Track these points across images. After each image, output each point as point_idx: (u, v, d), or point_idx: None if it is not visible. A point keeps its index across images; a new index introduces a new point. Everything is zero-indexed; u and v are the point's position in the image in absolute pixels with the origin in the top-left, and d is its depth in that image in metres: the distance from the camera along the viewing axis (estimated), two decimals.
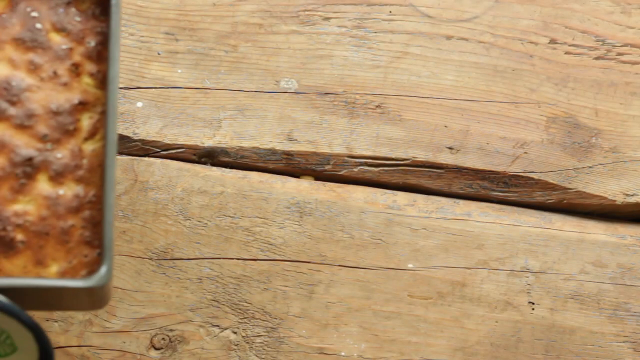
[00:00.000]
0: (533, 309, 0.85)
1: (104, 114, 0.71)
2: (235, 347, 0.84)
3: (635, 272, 0.86)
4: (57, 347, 0.83)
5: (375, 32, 0.91)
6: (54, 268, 0.69)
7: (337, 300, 0.86)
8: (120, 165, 0.87)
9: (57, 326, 0.83)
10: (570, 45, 0.92)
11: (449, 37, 0.91)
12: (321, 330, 0.85)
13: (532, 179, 0.88)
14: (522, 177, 0.88)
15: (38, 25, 0.72)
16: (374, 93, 0.90)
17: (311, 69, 0.90)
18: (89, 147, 0.71)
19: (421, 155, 0.89)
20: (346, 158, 0.89)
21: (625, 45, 0.92)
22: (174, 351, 0.84)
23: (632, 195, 0.88)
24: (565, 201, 0.89)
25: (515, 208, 0.88)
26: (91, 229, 0.70)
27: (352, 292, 0.86)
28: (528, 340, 0.84)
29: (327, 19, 0.91)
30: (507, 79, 0.90)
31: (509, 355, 0.84)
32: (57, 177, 0.70)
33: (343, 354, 0.84)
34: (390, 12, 0.92)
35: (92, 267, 0.69)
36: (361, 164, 0.89)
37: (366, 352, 0.84)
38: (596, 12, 0.93)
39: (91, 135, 0.71)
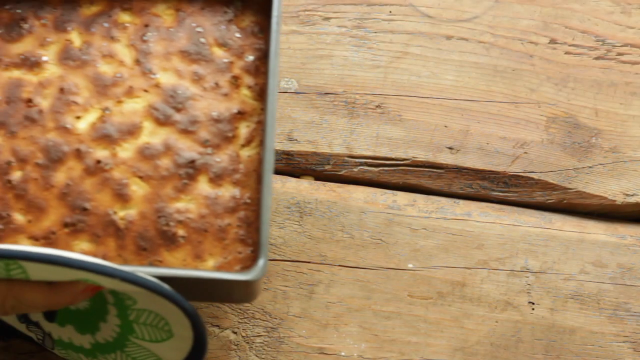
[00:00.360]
0: (533, 309, 0.85)
1: (259, 124, 0.77)
2: (235, 347, 0.84)
3: (635, 272, 0.86)
4: None
5: (375, 32, 0.91)
6: (210, 262, 0.74)
7: (337, 300, 0.86)
8: None
9: None
10: (570, 45, 0.92)
11: (449, 37, 0.91)
12: (321, 330, 0.85)
13: (532, 179, 0.88)
14: (522, 177, 0.88)
15: (202, 40, 0.79)
16: (374, 93, 0.90)
17: (311, 69, 0.90)
18: (245, 153, 0.77)
19: (421, 155, 0.89)
20: (346, 158, 0.89)
21: (625, 45, 0.92)
22: None
23: (632, 195, 0.88)
24: (565, 201, 0.89)
25: (515, 208, 0.88)
26: (245, 228, 0.75)
27: (352, 292, 0.86)
28: (528, 340, 0.84)
29: (327, 19, 0.91)
30: (507, 79, 0.90)
31: (509, 355, 0.84)
32: (216, 179, 0.76)
33: (343, 354, 0.84)
34: (390, 12, 0.92)
35: (245, 264, 0.74)
36: (361, 164, 0.89)
37: (366, 352, 0.84)
38: (596, 12, 0.93)
39: (247, 143, 0.77)
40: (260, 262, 0.70)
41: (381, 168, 0.89)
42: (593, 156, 0.89)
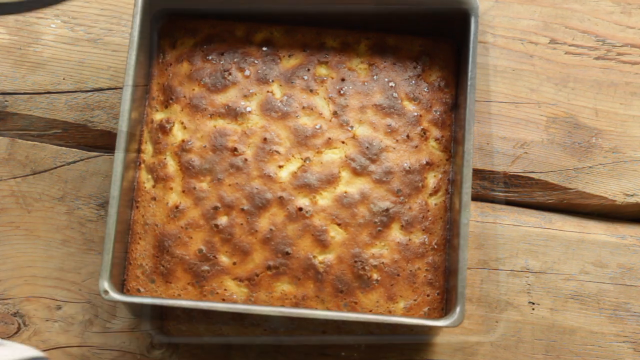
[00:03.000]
0: (533, 309, 0.85)
1: (445, 174, 0.82)
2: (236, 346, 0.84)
3: (635, 272, 0.86)
4: (57, 347, 0.83)
5: None
6: (401, 304, 0.79)
7: None
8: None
9: (58, 326, 0.83)
10: (570, 45, 0.92)
11: None
12: None
13: (532, 179, 0.88)
14: (522, 177, 0.88)
15: (395, 94, 0.83)
16: None
17: None
18: (433, 201, 0.82)
19: None
20: None
21: (625, 45, 0.92)
22: (174, 351, 0.84)
23: (632, 195, 0.88)
24: (565, 201, 0.89)
25: (515, 208, 0.88)
26: (433, 272, 0.80)
27: None
28: (528, 340, 0.84)
29: None
30: (507, 79, 0.90)
31: (509, 355, 0.84)
32: (407, 227, 0.81)
33: (343, 354, 0.84)
34: None
35: (432, 305, 0.80)
36: None
37: (366, 353, 0.84)
38: (596, 12, 0.93)
39: (435, 192, 0.82)
40: (458, 309, 0.75)
41: None
42: (593, 156, 0.89)
